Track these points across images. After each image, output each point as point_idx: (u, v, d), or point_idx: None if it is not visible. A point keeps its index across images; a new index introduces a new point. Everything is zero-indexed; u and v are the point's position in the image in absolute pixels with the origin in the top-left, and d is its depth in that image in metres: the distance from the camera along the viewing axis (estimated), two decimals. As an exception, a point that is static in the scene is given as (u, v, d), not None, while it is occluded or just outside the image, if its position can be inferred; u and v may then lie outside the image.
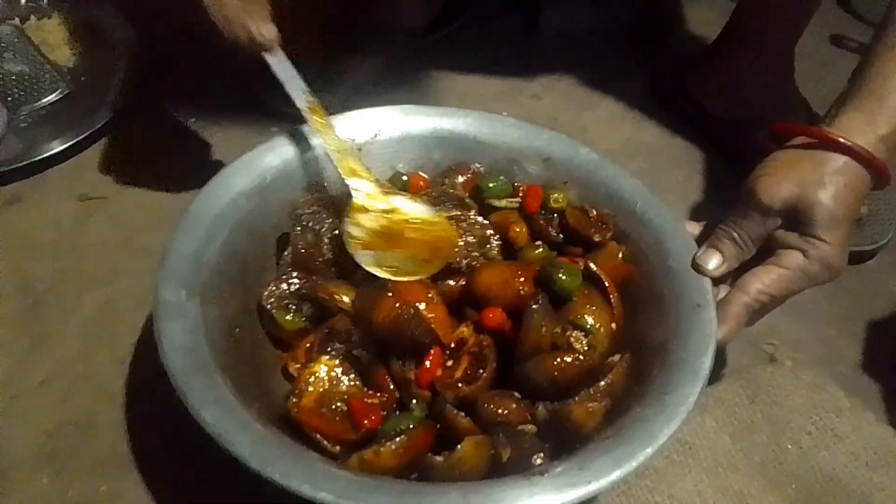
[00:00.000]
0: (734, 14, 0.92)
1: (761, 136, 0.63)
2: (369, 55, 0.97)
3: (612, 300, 0.60)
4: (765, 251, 0.59)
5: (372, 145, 0.70)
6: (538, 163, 0.70)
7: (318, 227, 0.64)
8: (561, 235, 0.66)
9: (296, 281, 0.61)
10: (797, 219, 0.56)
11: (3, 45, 0.93)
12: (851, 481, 0.62)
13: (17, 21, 0.98)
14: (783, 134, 0.61)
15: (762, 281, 0.57)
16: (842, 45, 1.11)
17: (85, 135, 0.85)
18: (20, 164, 0.81)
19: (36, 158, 0.82)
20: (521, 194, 0.69)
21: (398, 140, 0.70)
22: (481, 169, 0.71)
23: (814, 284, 0.58)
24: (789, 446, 0.64)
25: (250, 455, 0.45)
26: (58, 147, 0.83)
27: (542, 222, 0.67)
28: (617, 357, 0.56)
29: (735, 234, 0.59)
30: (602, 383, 0.53)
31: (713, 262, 0.59)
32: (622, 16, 1.09)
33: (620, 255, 0.64)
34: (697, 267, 0.59)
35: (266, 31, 0.61)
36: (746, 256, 0.59)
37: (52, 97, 0.91)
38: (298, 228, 0.63)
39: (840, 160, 0.56)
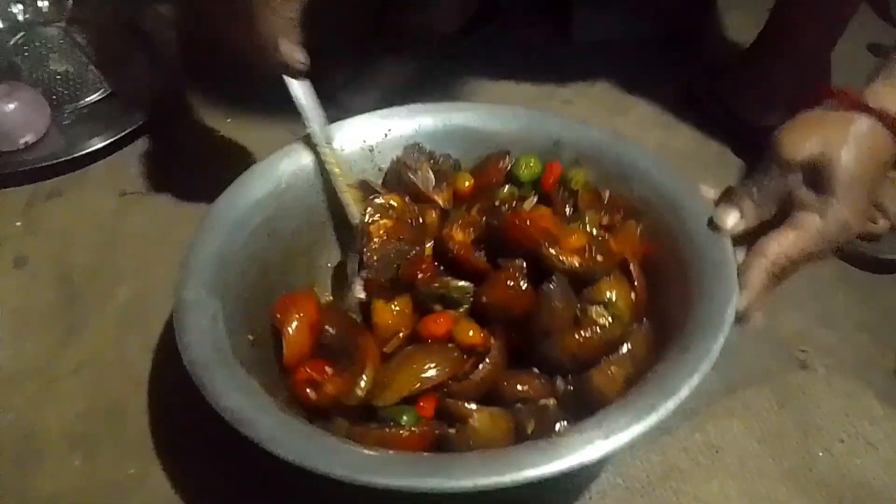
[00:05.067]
0: (768, 21, 0.91)
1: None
2: (402, 58, 0.99)
3: (633, 271, 0.59)
4: (782, 214, 0.57)
5: (384, 145, 0.70)
6: (548, 146, 0.70)
7: None
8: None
9: None
10: (817, 176, 0.54)
11: (49, 46, 0.97)
12: (884, 490, 0.61)
13: (63, 23, 1.01)
14: (813, 97, 0.59)
15: (780, 243, 0.55)
16: (879, 54, 1.09)
17: (124, 133, 0.88)
18: (62, 160, 0.84)
19: (77, 154, 0.85)
20: None
21: (409, 138, 0.71)
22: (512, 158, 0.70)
23: (831, 247, 0.56)
24: (820, 453, 0.63)
25: (268, 438, 0.45)
26: (98, 144, 0.86)
27: (559, 201, 0.66)
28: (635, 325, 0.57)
29: (754, 191, 0.57)
30: (622, 351, 0.54)
31: (731, 218, 0.58)
32: (654, 24, 1.09)
33: (639, 232, 0.63)
34: (715, 225, 0.58)
35: (299, 55, 0.62)
36: (766, 216, 0.57)
37: (94, 97, 0.94)
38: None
39: (866, 123, 0.54)
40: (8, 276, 0.74)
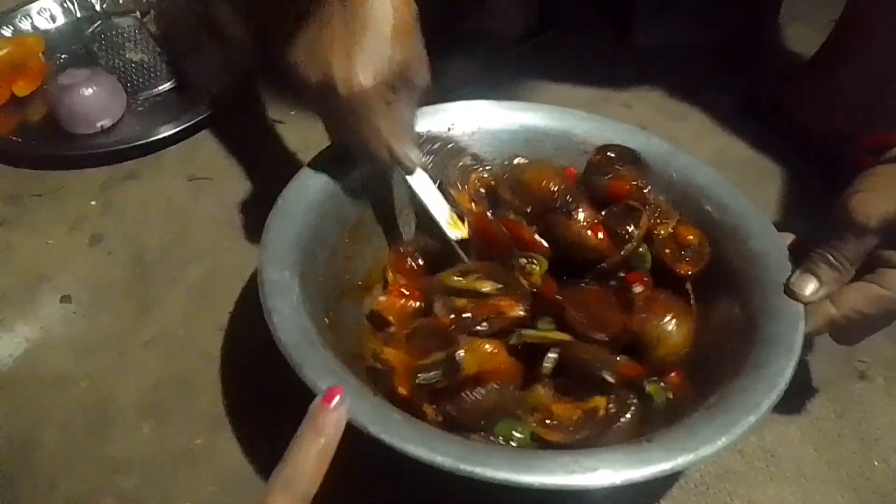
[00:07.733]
0: (835, 28, 0.90)
1: (852, 149, 0.61)
2: (464, 60, 1.00)
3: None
4: (867, 269, 0.56)
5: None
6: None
7: None
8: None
9: None
10: None
11: (125, 35, 1.01)
12: (943, 503, 0.60)
13: (137, 14, 1.05)
14: (878, 146, 0.58)
15: (857, 297, 0.55)
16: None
17: (196, 120, 0.91)
18: (137, 144, 0.87)
19: (150, 139, 0.88)
20: None
21: (471, 134, 0.72)
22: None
23: None
24: (877, 463, 0.63)
25: (369, 421, 0.46)
26: (171, 130, 0.89)
27: None
28: None
29: (830, 257, 0.56)
30: None
31: (810, 287, 0.56)
32: (716, 30, 1.09)
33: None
34: (793, 294, 0.56)
35: (414, 155, 0.63)
36: (846, 279, 0.56)
37: (167, 85, 0.98)
38: None
39: None
40: (84, 253, 0.78)
